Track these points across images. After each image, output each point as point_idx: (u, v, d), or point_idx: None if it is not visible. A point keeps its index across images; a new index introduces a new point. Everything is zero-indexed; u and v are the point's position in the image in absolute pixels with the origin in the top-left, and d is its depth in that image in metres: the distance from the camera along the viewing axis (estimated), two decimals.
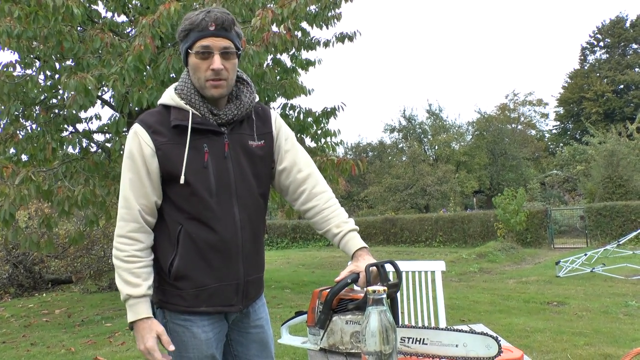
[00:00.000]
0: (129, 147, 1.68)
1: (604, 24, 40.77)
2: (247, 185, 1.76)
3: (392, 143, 36.49)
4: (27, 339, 6.34)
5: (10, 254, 10.89)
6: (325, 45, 8.71)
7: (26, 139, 6.92)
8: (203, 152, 1.68)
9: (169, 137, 1.67)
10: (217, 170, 1.70)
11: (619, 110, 37.15)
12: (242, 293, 1.78)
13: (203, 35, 1.64)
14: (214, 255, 1.70)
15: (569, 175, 29.27)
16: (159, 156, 1.66)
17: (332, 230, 1.83)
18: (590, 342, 4.90)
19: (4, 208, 5.54)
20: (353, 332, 1.65)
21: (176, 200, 1.69)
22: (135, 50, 5.45)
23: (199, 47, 1.65)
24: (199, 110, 1.70)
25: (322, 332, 1.68)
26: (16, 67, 6.96)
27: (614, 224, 16.75)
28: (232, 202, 1.72)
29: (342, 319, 1.66)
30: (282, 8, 5.71)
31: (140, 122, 1.71)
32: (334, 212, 1.86)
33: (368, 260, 1.71)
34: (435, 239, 20.33)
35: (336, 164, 6.42)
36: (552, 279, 9.51)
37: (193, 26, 1.65)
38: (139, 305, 1.65)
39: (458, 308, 6.82)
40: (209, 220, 1.68)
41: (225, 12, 1.67)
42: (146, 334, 1.62)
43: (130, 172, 1.68)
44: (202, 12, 1.65)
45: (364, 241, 1.82)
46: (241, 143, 1.76)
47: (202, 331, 1.72)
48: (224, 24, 1.65)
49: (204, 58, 1.65)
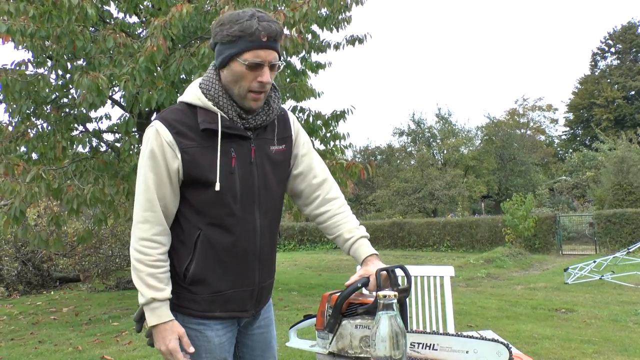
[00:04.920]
0: (151, 146, 1.61)
1: (615, 30, 40.56)
2: (270, 191, 1.74)
3: (401, 147, 36.49)
4: (35, 337, 6.37)
5: (20, 252, 10.96)
6: (335, 48, 8.72)
7: (37, 138, 6.98)
8: (230, 157, 1.64)
9: (197, 141, 1.61)
10: (243, 175, 1.67)
11: (629, 117, 36.89)
12: (256, 299, 1.78)
13: (255, 46, 1.56)
14: (231, 261, 1.68)
15: (578, 181, 29.09)
16: (184, 160, 1.60)
17: (344, 236, 1.81)
18: (599, 350, 4.85)
19: (15, 205, 5.58)
20: (362, 337, 1.64)
21: (198, 205, 1.65)
22: (148, 51, 5.47)
23: (252, 58, 1.56)
24: (228, 113, 1.64)
25: (331, 336, 1.66)
26: (28, 65, 7.03)
27: (623, 231, 16.61)
28: (254, 209, 1.70)
29: (351, 323, 1.64)
30: (293, 11, 5.72)
31: (162, 120, 1.63)
32: (346, 218, 1.84)
33: (378, 265, 1.70)
34: (443, 243, 20.25)
35: (345, 167, 6.42)
36: (560, 286, 9.44)
37: (244, 34, 1.54)
38: (162, 309, 1.63)
39: (465, 313, 6.78)
40: (231, 226, 1.66)
41: (274, 21, 1.59)
42: (168, 335, 1.61)
43: (152, 173, 1.61)
44: (253, 19, 1.55)
45: (372, 244, 1.81)
46: (265, 148, 1.73)
47: (215, 335, 1.71)
48: (276, 36, 1.58)
49: (253, 69, 1.58)
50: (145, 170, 1.63)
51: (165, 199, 1.63)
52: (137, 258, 1.62)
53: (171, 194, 1.64)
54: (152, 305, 1.62)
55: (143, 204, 1.63)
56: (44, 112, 7.19)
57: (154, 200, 1.62)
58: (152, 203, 1.62)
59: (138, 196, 1.65)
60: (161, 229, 1.64)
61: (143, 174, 1.63)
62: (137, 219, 1.64)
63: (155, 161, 1.61)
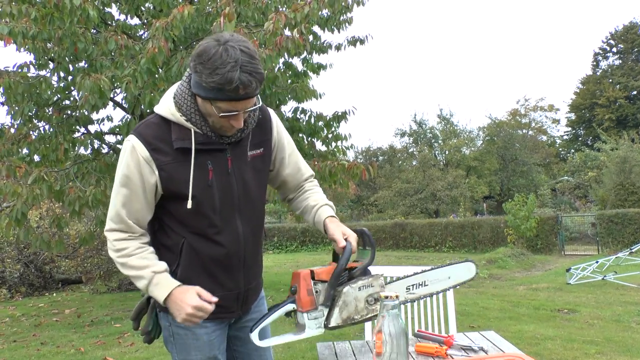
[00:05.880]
0: (126, 162, 1.60)
1: (617, 30, 40.53)
2: (250, 198, 1.74)
3: (403, 147, 36.53)
4: (37, 338, 6.38)
5: (22, 254, 10.98)
6: (337, 49, 8.71)
7: (39, 140, 6.99)
8: (207, 170, 1.63)
9: (172, 156, 1.60)
10: (221, 187, 1.66)
11: (631, 117, 36.84)
12: (242, 300, 1.81)
13: (232, 98, 1.50)
14: (216, 267, 1.69)
15: (580, 181, 29.06)
16: (161, 177, 1.60)
17: (310, 204, 1.86)
18: (602, 350, 4.84)
19: (17, 207, 5.59)
20: (367, 297, 1.63)
21: (179, 217, 1.66)
22: (149, 53, 5.48)
23: (227, 108, 1.52)
24: (201, 128, 1.61)
25: (330, 310, 1.61)
26: (30, 68, 7.04)
27: (626, 232, 16.59)
28: (235, 217, 1.71)
29: (353, 287, 1.62)
30: (295, 12, 5.71)
31: (138, 136, 1.60)
32: (316, 193, 1.91)
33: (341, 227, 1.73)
34: (445, 244, 20.23)
35: (347, 168, 6.41)
36: (562, 286, 9.43)
37: (222, 87, 1.46)
38: (166, 279, 1.62)
39: (467, 314, 6.78)
40: (213, 235, 1.67)
41: (258, 69, 1.49)
42: (185, 296, 1.58)
43: (125, 188, 1.61)
44: (235, 70, 1.44)
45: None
46: (242, 155, 1.71)
47: (204, 332, 1.73)
48: (256, 86, 1.51)
49: (227, 117, 1.55)
50: (118, 183, 1.63)
51: (136, 213, 1.64)
52: (119, 254, 1.63)
53: (144, 207, 1.64)
54: (155, 280, 1.61)
55: (114, 216, 1.64)
56: (46, 114, 7.20)
57: (121, 215, 1.62)
58: (121, 217, 1.63)
59: (111, 208, 1.65)
60: (134, 234, 1.65)
61: (117, 187, 1.64)
62: (109, 227, 1.65)
63: (129, 177, 1.60)
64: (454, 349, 2.06)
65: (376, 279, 1.66)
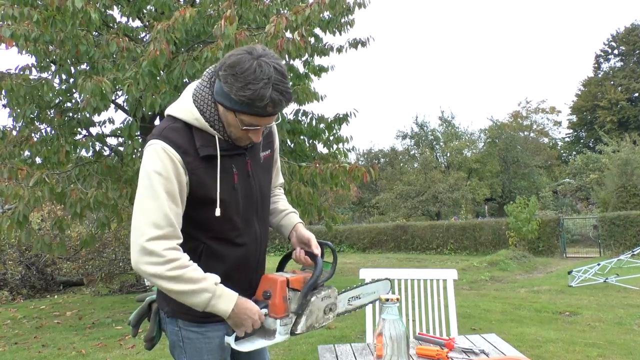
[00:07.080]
0: (161, 163, 1.51)
1: (619, 32, 40.48)
2: (265, 199, 1.79)
3: (404, 150, 36.51)
4: (38, 341, 6.38)
5: (23, 256, 11.00)
6: (338, 51, 8.72)
7: (41, 142, 7.00)
8: (232, 174, 1.65)
9: (200, 161, 1.58)
10: (244, 189, 1.69)
11: (633, 119, 36.80)
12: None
13: (259, 113, 1.50)
14: (235, 270, 1.70)
15: (582, 183, 29.01)
16: (191, 181, 1.57)
17: (279, 208, 1.93)
18: (604, 353, 4.83)
19: (18, 209, 5.60)
20: (325, 307, 1.70)
21: (202, 221, 1.63)
22: (151, 55, 5.49)
23: (250, 121, 1.52)
24: (223, 135, 1.62)
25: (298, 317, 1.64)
26: (32, 70, 7.05)
27: (627, 234, 16.56)
28: (254, 218, 1.74)
29: (318, 297, 1.67)
30: (296, 15, 5.72)
31: (165, 139, 1.54)
32: (284, 200, 2.00)
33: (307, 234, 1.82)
34: (447, 246, 20.22)
35: (348, 170, 6.41)
36: (564, 289, 9.41)
37: (253, 102, 1.46)
38: (226, 288, 1.56)
39: (469, 317, 6.76)
40: (235, 238, 1.68)
41: (288, 90, 1.50)
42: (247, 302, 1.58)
43: (164, 190, 1.51)
44: (268, 87, 1.44)
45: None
46: (257, 157, 1.76)
47: (216, 336, 1.72)
48: (283, 107, 1.52)
49: (248, 130, 1.57)
50: (155, 185, 1.50)
51: (177, 217, 1.54)
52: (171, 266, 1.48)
53: (181, 211, 1.57)
54: (218, 291, 1.53)
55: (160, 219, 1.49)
56: (48, 117, 7.21)
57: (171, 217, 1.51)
58: (169, 219, 1.50)
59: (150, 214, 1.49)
60: (180, 241, 1.55)
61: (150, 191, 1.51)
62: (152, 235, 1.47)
63: (167, 179, 1.51)
64: (455, 351, 2.06)
65: (333, 291, 1.74)
